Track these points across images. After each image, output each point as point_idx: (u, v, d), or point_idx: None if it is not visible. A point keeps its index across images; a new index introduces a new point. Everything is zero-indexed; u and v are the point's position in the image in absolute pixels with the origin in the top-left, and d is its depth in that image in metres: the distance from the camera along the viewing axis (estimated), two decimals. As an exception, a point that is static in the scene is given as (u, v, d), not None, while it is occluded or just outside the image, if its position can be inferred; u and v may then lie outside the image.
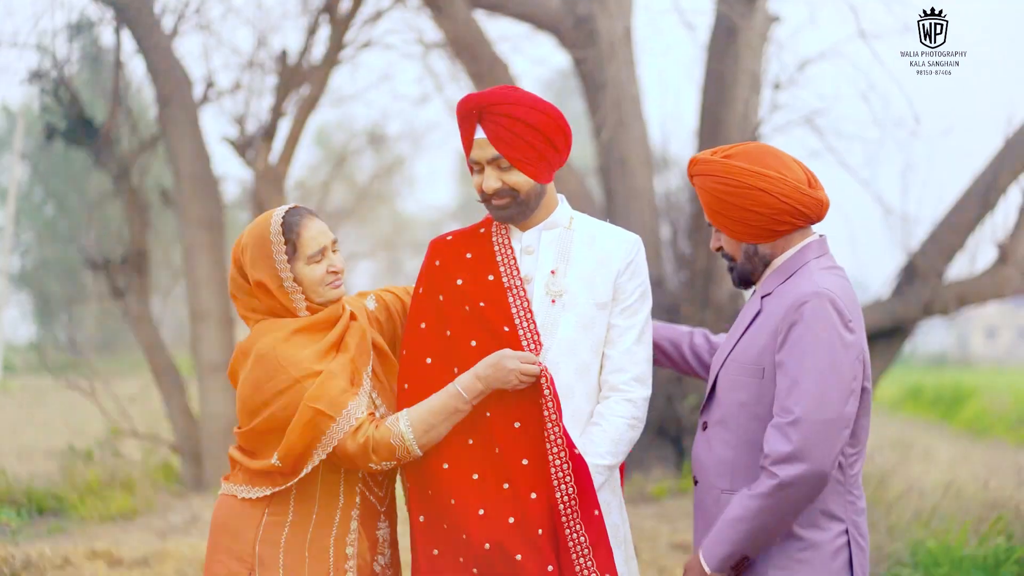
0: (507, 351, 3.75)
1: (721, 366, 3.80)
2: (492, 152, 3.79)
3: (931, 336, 56.03)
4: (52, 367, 12.96)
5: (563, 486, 3.70)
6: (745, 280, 3.84)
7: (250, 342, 3.84)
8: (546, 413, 3.72)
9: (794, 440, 3.42)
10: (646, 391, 3.90)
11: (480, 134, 3.80)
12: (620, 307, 3.90)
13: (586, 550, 3.70)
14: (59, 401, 20.73)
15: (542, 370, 3.74)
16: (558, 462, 3.71)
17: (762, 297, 3.74)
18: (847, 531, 3.61)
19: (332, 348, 3.84)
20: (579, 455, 3.73)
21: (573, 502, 3.70)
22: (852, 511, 3.62)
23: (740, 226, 3.72)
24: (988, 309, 58.46)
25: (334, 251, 3.92)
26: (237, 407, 3.87)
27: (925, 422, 20.52)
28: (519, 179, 3.83)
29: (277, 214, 3.87)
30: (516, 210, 3.87)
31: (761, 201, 3.65)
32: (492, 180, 3.82)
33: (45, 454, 12.64)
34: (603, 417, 3.84)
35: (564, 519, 3.69)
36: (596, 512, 3.73)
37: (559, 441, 3.71)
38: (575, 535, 3.70)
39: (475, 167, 3.87)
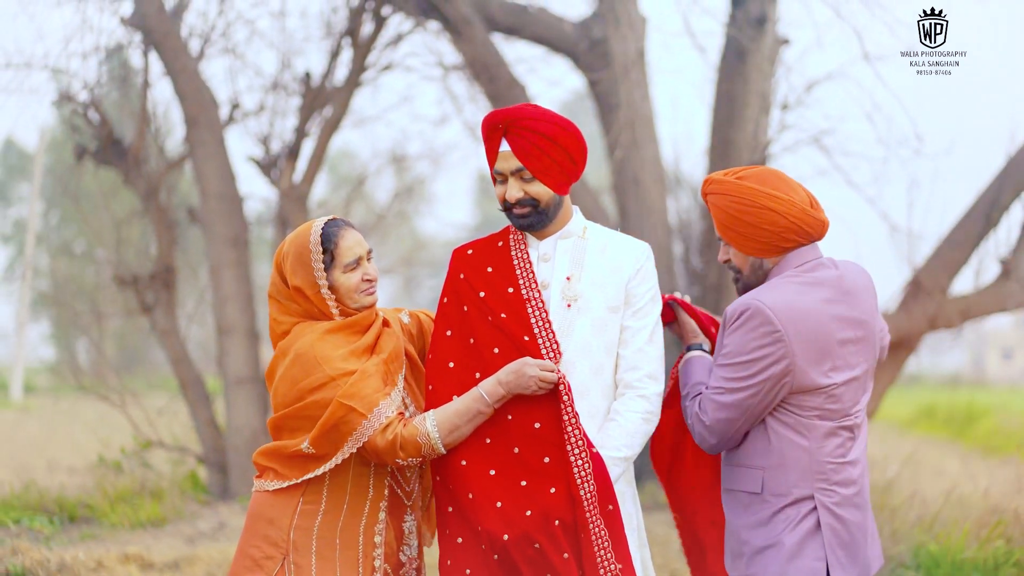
0: (528, 359, 3.99)
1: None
2: (516, 164, 4.05)
3: (946, 357, 55.64)
4: (77, 384, 13.19)
5: (586, 484, 3.93)
6: (749, 290, 4.11)
7: (289, 342, 4.08)
8: (565, 418, 3.95)
9: (708, 416, 4.00)
10: (659, 387, 4.13)
11: (505, 147, 4.05)
12: (632, 310, 4.14)
13: (606, 542, 3.93)
14: (80, 419, 20.86)
15: (560, 377, 3.97)
16: (580, 462, 3.93)
17: None
18: (815, 507, 3.92)
19: (367, 350, 4.08)
20: (596, 453, 3.96)
21: (594, 498, 3.92)
22: (821, 484, 3.93)
23: (749, 241, 4.03)
24: (1004, 330, 58.09)
25: (369, 261, 4.16)
26: (273, 403, 4.09)
27: (937, 440, 20.40)
28: (540, 190, 4.09)
29: (317, 225, 4.12)
30: (536, 219, 4.12)
31: (770, 220, 3.96)
32: (515, 190, 4.07)
33: (69, 470, 12.82)
34: (619, 413, 4.08)
35: (588, 514, 3.92)
36: (611, 507, 3.96)
37: (580, 443, 3.94)
38: (597, 528, 3.92)
39: (499, 178, 4.12)
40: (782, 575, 3.91)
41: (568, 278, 4.14)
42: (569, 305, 4.11)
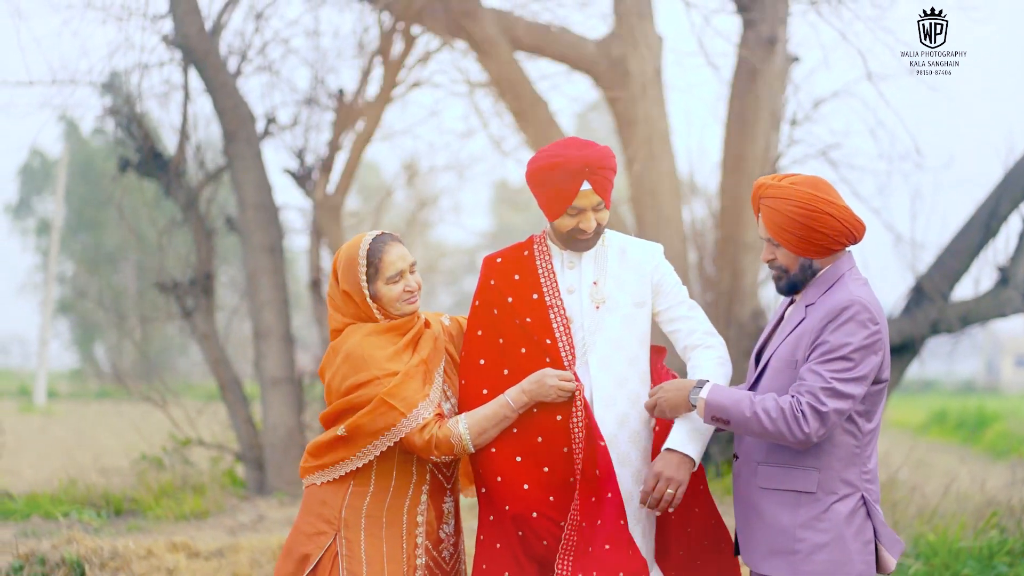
0: (548, 371, 4.45)
1: (767, 360, 4.38)
2: (597, 199, 4.47)
3: (961, 364, 55.55)
4: (104, 388, 13.50)
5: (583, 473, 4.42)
6: (794, 289, 4.37)
7: (340, 342, 4.51)
8: (574, 420, 4.44)
9: (827, 405, 4.08)
10: (718, 337, 4.61)
11: (587, 186, 4.44)
12: (664, 295, 4.61)
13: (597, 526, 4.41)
14: (107, 422, 21.19)
15: (577, 386, 4.44)
16: (579, 455, 4.42)
17: (806, 306, 4.27)
18: (863, 497, 4.19)
19: (407, 348, 4.51)
20: (603, 447, 4.41)
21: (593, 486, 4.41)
22: (865, 480, 4.22)
23: (804, 243, 4.24)
24: (1019, 337, 57.75)
25: (411, 272, 4.55)
26: (326, 398, 4.54)
27: (948, 445, 20.54)
28: (606, 215, 4.56)
29: (366, 240, 4.54)
30: (596, 239, 4.57)
31: (826, 223, 4.19)
32: (593, 221, 4.49)
33: (102, 469, 13.10)
34: (696, 368, 4.53)
35: (579, 502, 4.41)
36: (609, 495, 4.40)
37: (581, 443, 4.42)
38: (589, 515, 4.41)
39: (572, 212, 4.50)
40: (839, 570, 4.15)
41: (595, 283, 4.57)
42: (598, 307, 4.54)
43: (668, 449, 4.38)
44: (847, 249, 4.34)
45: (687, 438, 4.39)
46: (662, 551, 4.61)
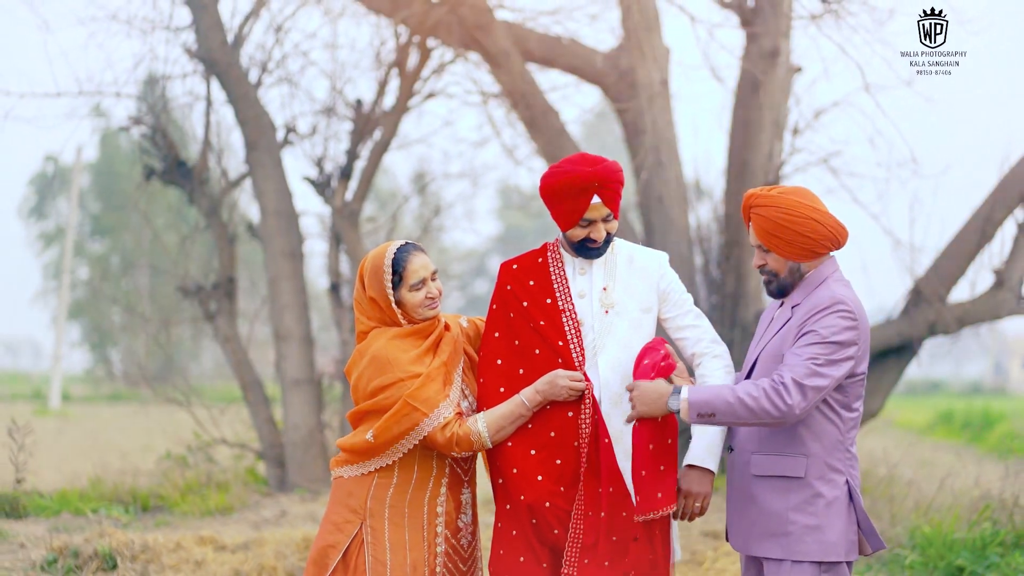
0: (560, 371, 4.72)
1: (757, 357, 4.61)
2: (606, 211, 4.74)
3: (969, 365, 55.50)
4: (117, 391, 13.66)
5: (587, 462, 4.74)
6: (784, 291, 4.61)
7: (366, 345, 4.78)
8: (583, 416, 4.75)
9: (809, 380, 4.31)
10: (723, 346, 4.87)
11: (597, 200, 4.71)
12: (671, 303, 4.89)
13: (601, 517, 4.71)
14: (121, 423, 21.32)
15: (587, 385, 4.73)
16: (584, 449, 4.74)
17: (792, 307, 4.52)
18: (847, 482, 4.43)
19: (429, 351, 4.78)
20: (607, 443, 4.70)
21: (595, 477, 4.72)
22: (849, 466, 4.50)
23: (791, 248, 4.49)
24: (1025, 339, 57.84)
25: (433, 280, 4.82)
26: (352, 397, 4.82)
27: (954, 445, 20.55)
28: (615, 225, 4.84)
29: (391, 249, 4.80)
30: (606, 247, 4.86)
31: (813, 229, 4.45)
32: (603, 231, 4.77)
33: (121, 470, 13.18)
34: (705, 377, 4.79)
35: (584, 492, 4.73)
36: (611, 489, 4.69)
37: (587, 438, 4.74)
38: (592, 510, 4.72)
39: (583, 223, 4.77)
40: (829, 550, 4.39)
41: (604, 288, 4.85)
42: (607, 311, 4.83)
43: (689, 465, 4.67)
44: (831, 254, 4.62)
45: (705, 453, 4.70)
46: None
